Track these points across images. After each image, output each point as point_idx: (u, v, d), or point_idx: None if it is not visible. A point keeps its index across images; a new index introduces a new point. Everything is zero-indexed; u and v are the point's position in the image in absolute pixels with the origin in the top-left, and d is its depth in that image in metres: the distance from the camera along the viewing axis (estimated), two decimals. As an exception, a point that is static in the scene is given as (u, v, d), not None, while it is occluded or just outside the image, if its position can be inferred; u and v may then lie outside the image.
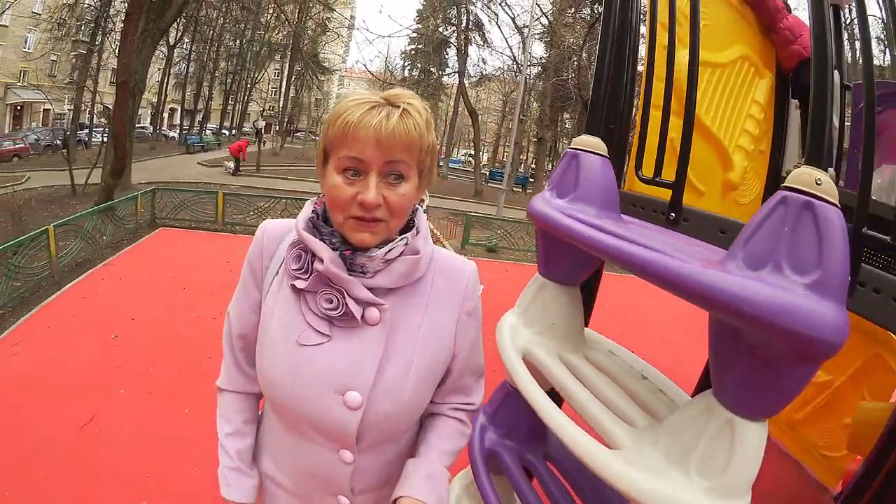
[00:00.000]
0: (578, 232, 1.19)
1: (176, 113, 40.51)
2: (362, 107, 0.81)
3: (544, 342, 1.43)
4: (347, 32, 34.32)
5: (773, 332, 0.77)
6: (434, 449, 1.02)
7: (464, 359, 1.02)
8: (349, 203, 0.83)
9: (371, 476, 1.00)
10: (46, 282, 5.97)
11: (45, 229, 6.23)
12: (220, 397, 1.08)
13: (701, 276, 0.84)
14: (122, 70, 9.51)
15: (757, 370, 0.84)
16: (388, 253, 0.88)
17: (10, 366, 4.03)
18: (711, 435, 0.90)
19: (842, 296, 0.77)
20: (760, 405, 0.86)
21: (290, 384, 0.91)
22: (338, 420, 0.90)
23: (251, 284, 1.01)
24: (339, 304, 0.88)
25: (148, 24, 10.80)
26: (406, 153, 0.83)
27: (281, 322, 0.93)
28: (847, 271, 0.77)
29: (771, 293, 0.76)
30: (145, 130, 31.40)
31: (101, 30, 19.45)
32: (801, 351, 0.76)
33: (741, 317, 0.81)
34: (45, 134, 26.01)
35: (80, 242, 6.97)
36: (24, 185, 14.92)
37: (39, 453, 3.00)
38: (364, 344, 0.90)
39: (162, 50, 23.39)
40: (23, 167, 20.09)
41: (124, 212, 8.42)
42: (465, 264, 1.03)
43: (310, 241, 0.88)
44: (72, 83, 24.20)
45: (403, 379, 0.92)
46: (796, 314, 0.73)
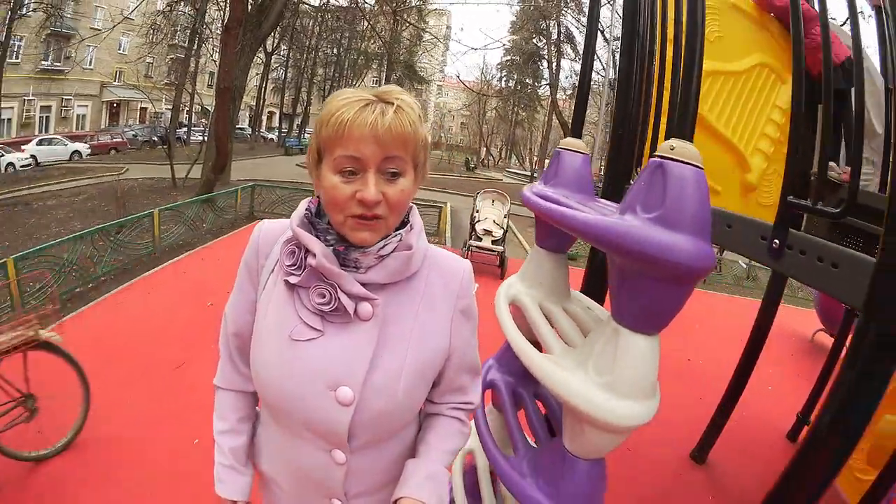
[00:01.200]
0: (536, 203, 1.56)
1: (274, 116, 43.71)
2: (355, 105, 0.84)
3: (531, 293, 1.79)
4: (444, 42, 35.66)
5: (622, 253, 1.10)
6: (434, 449, 1.05)
7: (459, 357, 1.05)
8: (348, 202, 0.86)
9: (365, 479, 1.02)
10: (148, 258, 7.03)
11: (151, 212, 7.34)
12: (216, 395, 1.12)
13: (589, 221, 1.19)
14: (223, 77, 10.66)
15: (628, 289, 1.16)
16: (382, 249, 0.91)
17: (109, 322, 4.90)
18: (604, 343, 1.22)
19: (690, 229, 1.06)
20: (637, 318, 1.17)
21: (282, 380, 0.93)
22: (329, 417, 0.92)
23: (247, 284, 1.04)
24: (331, 298, 0.91)
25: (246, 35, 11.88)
26: (402, 149, 0.86)
27: (274, 318, 0.96)
28: (698, 212, 1.07)
29: (619, 224, 1.10)
30: (244, 131, 34.05)
31: (197, 36, 21.41)
32: (650, 269, 1.08)
33: (603, 245, 1.16)
34: (143, 130, 28.77)
35: (182, 227, 8.14)
36: (124, 176, 16.89)
37: (137, 381, 3.72)
38: (356, 339, 0.92)
39: (260, 56, 25.28)
40: (121, 160, 22.46)
41: (224, 203, 9.67)
42: (460, 263, 1.05)
43: (303, 236, 0.92)
44: (169, 84, 26.73)
45: (396, 375, 0.94)
46: (634, 237, 1.06)
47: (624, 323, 1.18)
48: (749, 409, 4.51)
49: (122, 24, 25.69)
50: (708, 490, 3.41)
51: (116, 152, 25.19)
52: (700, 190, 1.08)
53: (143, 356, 4.13)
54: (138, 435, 3.18)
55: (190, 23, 22.37)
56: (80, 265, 6.01)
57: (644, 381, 1.20)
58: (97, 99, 30.26)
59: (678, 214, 1.05)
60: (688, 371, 5.21)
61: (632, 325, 1.17)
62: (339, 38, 35.58)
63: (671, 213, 1.05)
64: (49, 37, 25.14)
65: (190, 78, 22.18)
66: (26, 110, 26.10)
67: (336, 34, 34.97)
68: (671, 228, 1.05)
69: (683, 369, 5.23)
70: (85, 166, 20.63)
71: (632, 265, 1.11)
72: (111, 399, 3.48)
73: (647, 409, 1.21)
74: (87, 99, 29.55)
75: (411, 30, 30.17)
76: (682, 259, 1.04)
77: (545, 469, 1.44)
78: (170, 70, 28.26)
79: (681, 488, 3.42)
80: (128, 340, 4.46)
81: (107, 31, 19.12)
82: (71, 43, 26.70)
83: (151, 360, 4.07)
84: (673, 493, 3.35)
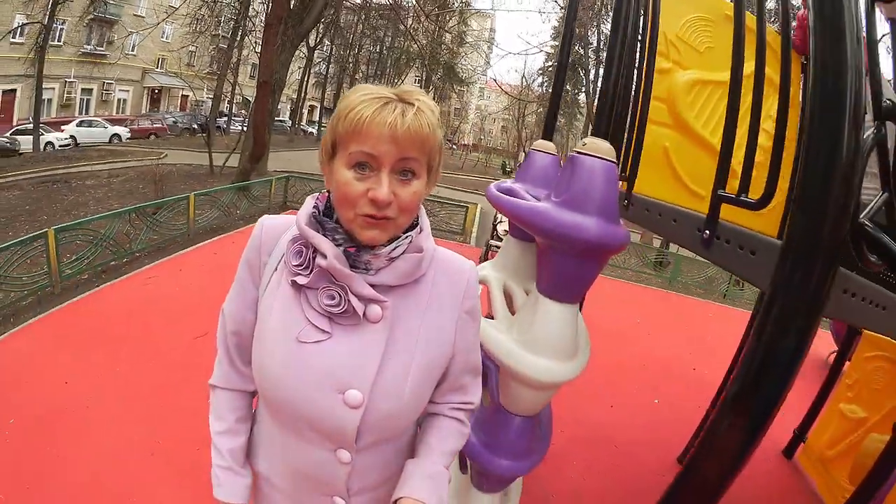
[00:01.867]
0: (494, 196, 1.78)
1: (315, 110, 44.71)
2: (375, 102, 0.84)
3: (497, 275, 2.04)
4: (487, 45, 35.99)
5: (537, 231, 1.36)
6: (434, 449, 1.07)
7: (463, 358, 1.06)
8: (360, 199, 0.86)
9: (368, 476, 1.04)
10: (182, 238, 7.56)
11: (188, 196, 7.87)
12: (212, 395, 1.11)
13: (516, 206, 1.46)
14: (264, 72, 11.14)
15: (546, 262, 1.42)
16: (393, 251, 0.92)
17: (142, 291, 5.41)
18: (526, 308, 1.49)
19: (596, 211, 1.30)
20: (553, 288, 1.43)
21: (288, 382, 0.93)
22: (337, 419, 0.93)
23: (248, 282, 1.04)
24: (341, 300, 0.91)
25: (287, 31, 12.33)
26: (419, 151, 0.86)
27: (280, 319, 0.96)
28: (604, 197, 1.31)
29: (536, 207, 1.36)
30: (283, 124, 34.97)
31: (241, 29, 22.06)
32: (560, 245, 1.33)
33: (525, 225, 1.43)
34: (183, 118, 29.87)
35: (217, 212, 8.70)
36: (163, 161, 17.77)
37: (160, 353, 4.11)
38: (365, 341, 0.93)
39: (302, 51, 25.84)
40: (160, 145, 23.31)
41: (259, 192, 10.26)
42: (465, 263, 1.06)
43: (312, 236, 0.91)
44: (211, 74, 27.47)
45: (404, 377, 0.95)
46: (545, 217, 1.32)
47: (543, 292, 1.44)
48: None
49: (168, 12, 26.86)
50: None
51: (156, 137, 26.08)
52: (607, 179, 1.33)
53: (168, 327, 4.56)
54: (155, 401, 3.54)
55: (234, 15, 23.00)
56: (117, 240, 6.52)
57: (558, 341, 1.46)
58: (138, 84, 31.33)
59: (585, 199, 1.31)
60: (694, 380, 5.32)
61: (548, 294, 1.43)
62: (382, 36, 36.19)
63: (578, 197, 1.31)
64: (92, 21, 25.96)
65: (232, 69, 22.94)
66: (67, 92, 27.01)
67: (379, 32, 35.57)
68: (578, 211, 1.30)
69: (689, 378, 5.35)
70: (124, 149, 21.47)
71: (546, 241, 1.36)
72: (135, 366, 3.90)
73: (565, 369, 1.46)
74: (128, 84, 30.47)
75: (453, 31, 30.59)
76: (586, 236, 1.29)
77: (486, 423, 1.70)
78: (212, 60, 28.94)
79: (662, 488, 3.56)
80: (156, 311, 4.92)
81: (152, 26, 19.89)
82: (114, 30, 27.71)
83: (176, 330, 4.48)
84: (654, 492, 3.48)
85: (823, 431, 3.87)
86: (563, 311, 1.44)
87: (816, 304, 1.20)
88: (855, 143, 1.14)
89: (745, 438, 1.36)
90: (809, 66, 1.22)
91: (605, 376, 5.01)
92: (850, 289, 1.34)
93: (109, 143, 23.34)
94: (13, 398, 3.47)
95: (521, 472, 1.70)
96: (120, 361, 3.97)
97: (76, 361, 3.98)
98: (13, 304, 5.21)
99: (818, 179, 1.18)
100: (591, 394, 4.60)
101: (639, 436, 4.05)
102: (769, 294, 1.28)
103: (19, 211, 10.15)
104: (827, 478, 3.64)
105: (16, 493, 2.73)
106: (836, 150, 1.15)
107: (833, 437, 3.73)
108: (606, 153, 1.34)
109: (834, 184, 1.15)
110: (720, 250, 1.53)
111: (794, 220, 1.22)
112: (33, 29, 21.63)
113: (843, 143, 1.14)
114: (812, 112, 1.20)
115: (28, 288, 5.42)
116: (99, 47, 27.79)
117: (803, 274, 1.19)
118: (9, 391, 3.56)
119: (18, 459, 2.95)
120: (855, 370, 3.73)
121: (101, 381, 3.74)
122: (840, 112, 1.15)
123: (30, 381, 3.71)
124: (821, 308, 1.21)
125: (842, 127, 1.14)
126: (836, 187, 1.15)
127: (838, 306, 1.31)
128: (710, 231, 1.58)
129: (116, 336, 4.41)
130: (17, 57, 22.03)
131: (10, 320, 4.92)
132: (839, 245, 1.18)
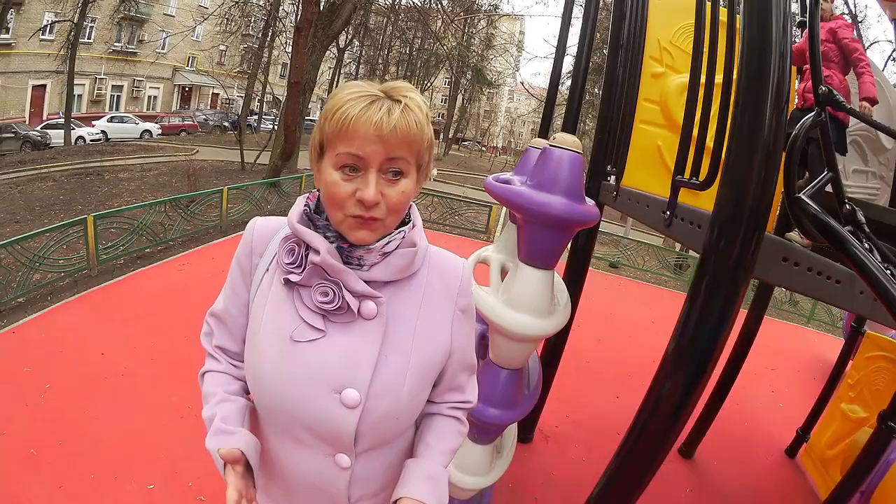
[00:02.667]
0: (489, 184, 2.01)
1: (346, 109, 45.54)
2: (361, 101, 0.83)
3: (497, 255, 2.30)
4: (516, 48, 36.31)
5: (515, 208, 1.67)
6: (433, 449, 1.07)
7: (459, 357, 1.07)
8: (347, 200, 0.86)
9: (368, 482, 1.03)
10: (214, 230, 8.08)
11: (221, 189, 8.41)
12: (203, 384, 1.08)
13: (499, 189, 1.76)
14: (294, 73, 11.62)
15: (524, 235, 1.73)
16: (386, 246, 0.92)
17: (176, 278, 5.89)
18: (510, 274, 1.80)
19: (563, 192, 1.60)
20: (530, 255, 1.75)
21: (283, 383, 0.92)
22: (335, 420, 0.92)
23: (239, 283, 1.04)
24: (335, 296, 0.90)
25: (317, 33, 12.78)
26: (407, 150, 0.86)
27: (273, 319, 0.95)
28: (569, 181, 1.61)
29: (514, 189, 1.67)
30: (314, 123, 35.56)
31: (271, 30, 22.44)
32: (533, 219, 1.64)
33: (507, 204, 1.75)
34: (214, 115, 30.82)
35: (248, 205, 9.24)
36: (195, 157, 18.42)
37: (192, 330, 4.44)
38: (360, 339, 0.93)
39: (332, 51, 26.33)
40: (192, 142, 24.03)
41: (289, 188, 10.84)
42: (459, 262, 1.07)
43: (304, 233, 0.91)
44: (241, 72, 28.10)
45: (401, 376, 0.95)
46: (520, 197, 1.63)
47: (522, 260, 1.76)
48: (755, 421, 4.79)
49: (196, 12, 26.87)
50: (687, 482, 3.72)
51: (187, 134, 26.82)
52: (572, 166, 1.64)
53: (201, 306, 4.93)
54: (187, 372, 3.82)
55: (264, 15, 23.60)
56: (152, 229, 7.04)
57: (534, 300, 1.77)
58: (169, 82, 32.07)
59: (553, 182, 1.62)
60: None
61: (527, 261, 1.75)
62: (412, 37, 36.73)
63: (547, 181, 1.63)
64: (122, 20, 26.77)
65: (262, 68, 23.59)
66: (97, 88, 27.73)
67: (408, 34, 36.14)
68: (547, 191, 1.62)
69: None
70: (155, 145, 22.27)
71: (523, 217, 1.68)
72: (169, 341, 4.31)
73: (541, 324, 1.77)
74: (158, 81, 31.13)
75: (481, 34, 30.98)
76: (552, 212, 1.61)
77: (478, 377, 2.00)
78: (242, 59, 29.52)
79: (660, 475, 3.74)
80: (189, 293, 5.39)
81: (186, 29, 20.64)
82: (144, 28, 28.47)
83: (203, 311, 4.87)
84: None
85: (825, 431, 3.93)
86: (539, 275, 1.75)
87: (742, 267, 1.39)
88: (776, 122, 1.28)
89: (683, 393, 1.53)
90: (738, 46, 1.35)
91: (614, 369, 5.26)
92: (792, 258, 1.45)
93: (140, 139, 24.08)
94: (50, 367, 3.86)
95: (508, 420, 1.99)
96: (155, 336, 4.40)
97: (113, 335, 4.41)
98: (51, 283, 5.76)
99: (742, 153, 1.34)
100: (598, 384, 4.86)
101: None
102: (700, 258, 1.47)
103: (54, 201, 10.80)
104: (826, 478, 3.69)
105: (49, 447, 3.05)
106: (757, 126, 1.29)
107: (834, 437, 3.79)
108: (571, 145, 1.66)
109: (756, 157, 1.30)
110: (677, 228, 1.79)
111: (721, 193, 1.41)
112: (63, 27, 22.44)
113: (765, 120, 1.28)
114: (738, 90, 1.35)
115: (65, 270, 5.96)
116: (129, 45, 28.55)
117: (728, 240, 1.38)
118: (47, 361, 3.96)
119: (53, 418, 3.30)
120: (856, 370, 3.78)
121: (137, 353, 4.14)
122: (762, 91, 1.29)
123: (67, 352, 4.12)
124: (746, 271, 1.39)
125: (763, 105, 1.28)
126: (758, 161, 1.30)
127: (781, 274, 1.45)
128: (671, 212, 1.84)
129: (151, 314, 4.86)
130: (47, 53, 22.90)
131: (47, 298, 5.45)
132: (764, 214, 1.33)
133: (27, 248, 5.64)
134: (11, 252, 5.47)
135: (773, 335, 7.43)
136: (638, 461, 1.70)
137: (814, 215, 1.33)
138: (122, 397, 3.60)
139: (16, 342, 4.29)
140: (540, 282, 1.75)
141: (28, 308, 5.20)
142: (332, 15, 13.16)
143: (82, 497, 2.74)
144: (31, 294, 5.53)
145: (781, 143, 1.33)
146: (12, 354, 4.07)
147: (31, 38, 22.32)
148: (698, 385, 1.50)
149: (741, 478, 3.89)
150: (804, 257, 1.44)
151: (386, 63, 38.21)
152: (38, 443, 3.08)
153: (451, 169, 29.66)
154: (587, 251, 3.13)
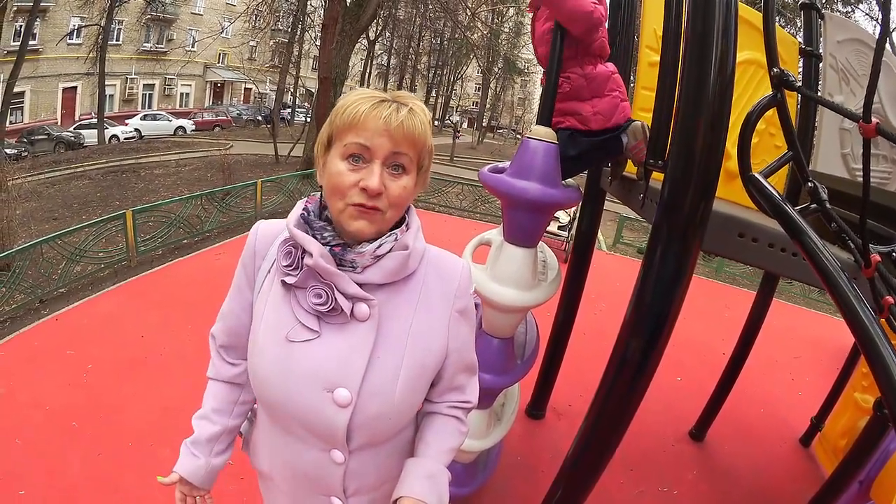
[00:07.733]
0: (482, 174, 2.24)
1: (379, 100, 46.08)
2: (371, 100, 0.91)
3: (497, 237, 2.48)
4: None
5: (498, 194, 1.97)
6: (433, 448, 1.10)
7: (457, 358, 1.09)
8: (351, 189, 0.90)
9: (364, 477, 1.07)
10: (250, 221, 8.47)
11: (255, 182, 8.88)
12: (207, 388, 1.23)
13: (487, 178, 2.04)
14: (324, 68, 12.13)
15: (507, 216, 2.03)
16: (378, 248, 0.95)
17: (213, 265, 6.37)
18: (495, 251, 2.11)
19: (538, 179, 1.88)
20: (512, 234, 2.05)
21: (279, 381, 0.98)
22: (327, 418, 0.96)
23: (244, 284, 1.10)
24: (327, 298, 0.94)
25: (345, 28, 13.13)
26: (411, 147, 0.93)
27: (271, 319, 1.01)
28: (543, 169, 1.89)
29: (496, 176, 1.96)
30: (346, 114, 36.06)
31: (300, 25, 22.94)
32: (513, 203, 1.93)
33: (491, 191, 2.03)
34: (248, 110, 31.42)
35: (282, 197, 9.66)
36: (229, 151, 18.93)
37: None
38: (353, 340, 0.96)
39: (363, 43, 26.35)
40: (226, 137, 24.66)
41: None
42: (458, 262, 1.09)
43: (299, 236, 0.95)
44: (273, 67, 28.58)
45: (393, 377, 0.98)
46: (501, 184, 1.92)
47: (506, 239, 2.07)
48: (771, 408, 4.86)
49: (225, 10, 27.46)
50: (694, 464, 3.81)
51: (221, 129, 27.75)
52: (545, 155, 1.92)
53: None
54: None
55: (292, 10, 24.07)
56: (189, 222, 7.56)
57: (516, 274, 2.06)
58: (200, 79, 32.71)
59: (529, 170, 1.92)
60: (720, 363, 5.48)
61: (509, 239, 2.06)
62: (441, 27, 36.96)
63: (523, 169, 1.92)
64: (150, 21, 27.41)
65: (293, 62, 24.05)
66: (129, 87, 28.35)
67: (439, 23, 36.36)
68: (524, 178, 1.91)
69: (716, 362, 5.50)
70: (189, 141, 22.96)
71: (505, 200, 1.98)
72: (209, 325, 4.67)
73: (524, 296, 2.06)
74: (190, 78, 31.68)
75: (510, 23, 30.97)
76: (528, 196, 1.90)
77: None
78: (273, 54, 30.26)
79: (668, 457, 3.84)
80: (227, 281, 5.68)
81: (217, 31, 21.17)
82: (172, 28, 29.06)
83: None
84: (660, 460, 3.80)
85: (838, 420, 3.93)
86: (521, 252, 2.05)
87: (690, 232, 1.45)
88: (720, 95, 1.32)
89: (643, 356, 1.61)
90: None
91: (633, 353, 5.37)
92: (750, 234, 1.50)
93: (174, 136, 24.93)
94: (92, 349, 4.21)
95: (501, 385, 2.29)
96: (193, 320, 4.78)
97: (152, 319, 4.78)
98: (92, 274, 6.25)
99: (689, 124, 1.39)
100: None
101: (655, 408, 4.26)
102: (652, 227, 1.54)
103: (91, 198, 11.44)
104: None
105: (89, 421, 3.35)
106: (701, 97, 1.33)
107: (846, 427, 3.77)
108: (545, 136, 1.94)
109: (701, 127, 1.35)
110: (647, 208, 1.93)
111: (671, 163, 1.47)
112: (91, 30, 23.27)
113: (709, 91, 1.32)
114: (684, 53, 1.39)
115: (105, 261, 6.45)
116: (159, 45, 29.23)
117: (676, 207, 1.45)
118: (88, 344, 4.31)
119: (94, 396, 3.62)
120: (870, 358, 3.80)
121: (176, 336, 4.49)
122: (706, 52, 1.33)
123: (108, 336, 4.48)
124: (694, 236, 1.45)
125: (708, 65, 1.33)
126: (704, 130, 1.35)
127: (740, 250, 1.51)
128: (644, 194, 1.97)
129: (190, 300, 5.26)
130: (75, 56, 23.66)
131: (88, 288, 5.90)
132: (710, 182, 1.39)
133: (68, 242, 6.09)
134: (53, 246, 5.93)
135: (798, 323, 7.50)
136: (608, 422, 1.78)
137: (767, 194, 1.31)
138: (160, 376, 3.88)
139: (58, 328, 4.65)
140: (522, 258, 2.04)
141: (70, 297, 5.63)
142: (359, 9, 13.45)
143: (119, 461, 3.04)
144: (73, 285, 5.98)
145: (727, 108, 1.38)
146: (55, 339, 4.38)
147: (58, 43, 23.00)
148: (654, 349, 1.61)
149: (751, 465, 3.93)
150: (762, 233, 1.52)
151: (417, 53, 38.50)
152: (79, 417, 3.38)
153: (485, 157, 29.80)
154: (591, 235, 3.36)
